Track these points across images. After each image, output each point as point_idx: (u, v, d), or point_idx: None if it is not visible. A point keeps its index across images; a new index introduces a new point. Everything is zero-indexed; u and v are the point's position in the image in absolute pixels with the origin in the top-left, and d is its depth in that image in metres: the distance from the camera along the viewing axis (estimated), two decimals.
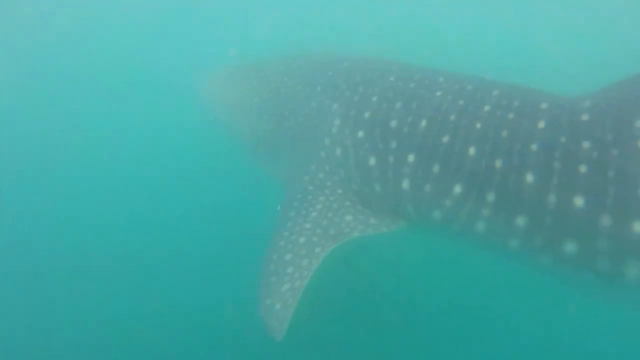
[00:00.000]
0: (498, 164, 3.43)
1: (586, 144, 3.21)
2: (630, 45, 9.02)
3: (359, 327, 4.86)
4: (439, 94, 3.93)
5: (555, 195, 3.19)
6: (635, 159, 3.06)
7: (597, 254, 3.09)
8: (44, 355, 5.21)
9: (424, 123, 3.82)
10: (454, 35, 10.17)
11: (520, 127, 3.46)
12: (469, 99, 3.79)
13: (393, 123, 3.97)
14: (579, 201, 3.11)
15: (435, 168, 3.70)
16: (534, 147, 3.35)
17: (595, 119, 3.28)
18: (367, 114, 4.16)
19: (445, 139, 3.68)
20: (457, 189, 3.60)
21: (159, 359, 5.05)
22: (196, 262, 5.72)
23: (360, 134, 4.14)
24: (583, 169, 3.16)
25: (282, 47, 6.56)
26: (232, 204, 6.13)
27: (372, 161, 4.05)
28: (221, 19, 12.37)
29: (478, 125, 3.60)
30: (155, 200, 6.56)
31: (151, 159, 7.04)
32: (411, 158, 3.84)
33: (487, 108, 3.66)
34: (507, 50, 9.61)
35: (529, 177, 3.30)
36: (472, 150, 3.55)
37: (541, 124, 3.42)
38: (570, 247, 3.19)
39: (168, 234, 6.06)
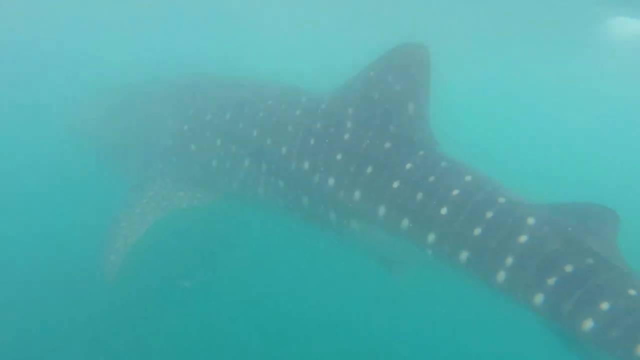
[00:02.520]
0: (268, 141, 4.77)
1: (319, 124, 4.55)
2: None
3: (178, 275, 6.09)
4: (241, 94, 5.29)
5: (295, 163, 4.54)
6: (360, 141, 4.32)
7: (329, 210, 4.40)
8: None
9: (228, 115, 5.19)
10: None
11: (280, 113, 4.82)
12: (258, 96, 5.14)
13: (207, 117, 5.35)
14: (306, 165, 4.46)
15: (233, 148, 5.06)
16: (289, 127, 4.68)
17: (337, 108, 4.58)
18: (190, 111, 5.61)
19: (240, 125, 5.00)
20: (246, 162, 4.95)
21: None
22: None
23: (185, 127, 5.53)
24: (312, 141, 4.47)
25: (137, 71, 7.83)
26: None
27: (193, 147, 5.42)
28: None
29: (261, 114, 4.94)
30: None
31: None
32: (218, 142, 5.19)
33: (269, 102, 4.97)
34: None
35: (284, 149, 4.62)
36: (255, 132, 4.87)
37: (298, 112, 4.73)
38: (305, 200, 4.56)
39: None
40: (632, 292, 2.96)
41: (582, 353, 3.06)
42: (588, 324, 2.96)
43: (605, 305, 2.95)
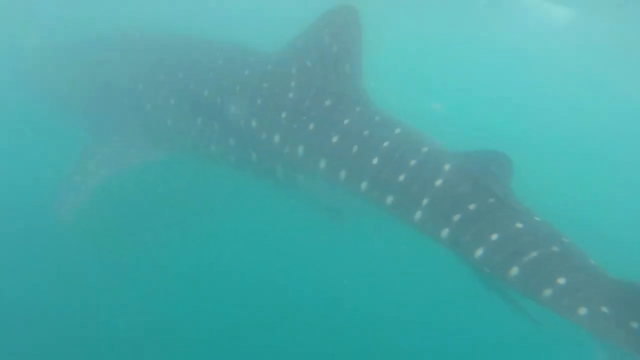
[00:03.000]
0: (218, 100, 5.01)
1: (265, 84, 4.83)
2: None
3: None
4: (193, 55, 5.50)
5: (243, 121, 4.82)
6: (304, 101, 4.61)
7: (276, 165, 4.73)
8: None
9: (181, 75, 5.39)
10: None
11: (230, 73, 5.04)
12: (208, 57, 5.35)
13: (161, 76, 5.53)
14: (254, 123, 4.75)
15: (186, 107, 5.29)
16: (238, 87, 4.93)
17: (282, 68, 4.85)
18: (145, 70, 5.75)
19: (192, 85, 5.22)
20: (199, 121, 5.19)
21: None
22: None
23: (140, 86, 5.68)
24: (259, 100, 4.75)
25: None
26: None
27: (148, 106, 5.60)
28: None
29: (211, 74, 5.17)
30: None
31: None
32: (172, 101, 5.38)
33: (219, 63, 5.23)
34: None
35: (233, 108, 4.88)
36: (206, 92, 5.10)
37: (247, 72, 5.00)
38: (254, 156, 4.86)
39: None
40: (519, 225, 3.52)
41: (479, 278, 3.62)
42: (479, 252, 3.51)
43: (494, 236, 3.49)
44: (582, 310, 3.03)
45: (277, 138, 4.63)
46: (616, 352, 2.93)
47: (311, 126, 4.51)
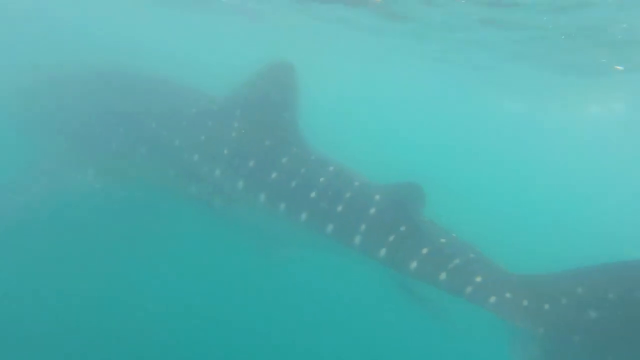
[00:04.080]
0: (164, 133, 5.43)
1: (210, 122, 5.36)
2: None
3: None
4: (144, 86, 6.09)
5: (186, 154, 5.23)
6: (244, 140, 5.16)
7: (215, 197, 5.17)
8: None
9: (130, 106, 5.87)
10: None
11: (178, 111, 5.54)
12: (158, 91, 5.95)
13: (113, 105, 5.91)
14: (195, 157, 5.18)
15: (132, 136, 5.69)
16: (184, 123, 5.47)
17: (226, 110, 5.39)
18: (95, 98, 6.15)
19: (141, 115, 5.69)
20: (143, 150, 5.54)
21: None
22: None
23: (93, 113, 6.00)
24: (203, 136, 5.24)
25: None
26: None
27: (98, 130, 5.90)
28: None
29: (159, 108, 5.68)
30: None
31: None
32: (121, 130, 5.77)
33: (168, 98, 5.82)
34: None
35: (177, 142, 5.33)
36: (153, 124, 5.56)
37: (193, 110, 5.52)
38: (193, 188, 5.26)
39: None
40: (443, 240, 4.39)
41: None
42: (414, 264, 4.29)
43: (425, 250, 4.30)
44: (493, 299, 3.90)
45: (217, 172, 5.02)
46: (518, 330, 3.78)
47: (251, 163, 4.94)
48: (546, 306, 3.72)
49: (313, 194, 4.69)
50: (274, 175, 4.86)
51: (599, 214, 16.50)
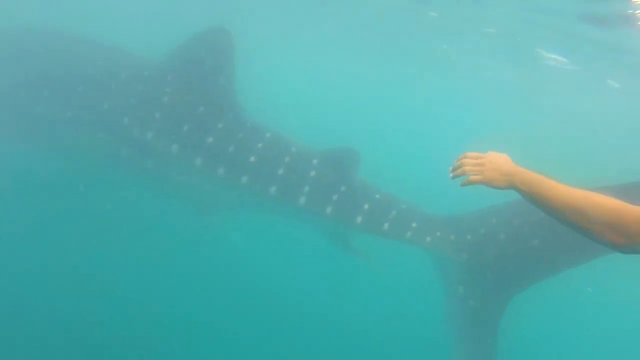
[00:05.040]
0: (94, 95, 5.29)
1: (140, 87, 5.29)
2: None
3: None
4: (75, 50, 5.79)
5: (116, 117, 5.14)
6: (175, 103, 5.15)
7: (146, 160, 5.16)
8: None
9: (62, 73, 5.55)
10: None
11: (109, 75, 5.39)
12: (90, 56, 5.68)
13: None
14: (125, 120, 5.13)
15: (61, 97, 5.49)
16: (113, 86, 5.31)
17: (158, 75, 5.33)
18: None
19: (73, 80, 5.43)
20: (68, 114, 5.35)
21: None
22: None
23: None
24: (133, 100, 5.16)
25: None
26: None
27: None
28: None
29: (90, 72, 5.46)
30: None
31: None
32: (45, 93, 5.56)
33: (100, 63, 5.55)
34: None
35: (106, 105, 5.25)
36: (80, 88, 5.39)
37: (123, 75, 5.37)
38: (124, 151, 5.19)
39: None
40: (377, 196, 4.91)
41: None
42: (359, 219, 4.80)
43: (366, 206, 4.81)
44: (428, 239, 4.66)
45: (149, 135, 5.02)
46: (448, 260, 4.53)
47: (185, 127, 4.97)
48: (468, 237, 4.47)
49: (252, 159, 4.87)
50: (210, 140, 4.92)
51: None
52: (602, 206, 1.76)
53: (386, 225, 4.72)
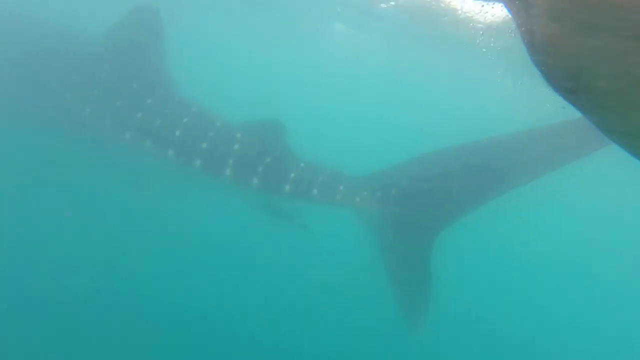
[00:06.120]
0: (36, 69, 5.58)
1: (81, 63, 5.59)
2: None
3: None
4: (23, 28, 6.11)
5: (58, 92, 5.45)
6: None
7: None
8: None
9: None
10: None
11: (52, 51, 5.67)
12: (39, 33, 6.02)
13: None
14: (68, 95, 5.45)
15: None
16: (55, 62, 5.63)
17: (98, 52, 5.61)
18: None
19: (22, 54, 5.75)
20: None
21: None
22: None
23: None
24: (75, 76, 5.52)
25: None
26: None
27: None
28: None
29: (36, 48, 5.72)
30: None
31: None
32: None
33: (46, 41, 5.81)
34: None
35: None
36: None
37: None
38: (66, 124, 5.55)
39: None
40: (302, 164, 5.10)
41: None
42: (287, 188, 4.99)
43: (292, 175, 4.99)
44: (357, 199, 4.84)
45: (87, 110, 5.33)
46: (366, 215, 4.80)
47: (118, 103, 5.29)
48: (393, 191, 4.72)
49: (178, 133, 5.15)
50: (139, 115, 5.24)
51: None
52: None
53: (315, 191, 4.94)
